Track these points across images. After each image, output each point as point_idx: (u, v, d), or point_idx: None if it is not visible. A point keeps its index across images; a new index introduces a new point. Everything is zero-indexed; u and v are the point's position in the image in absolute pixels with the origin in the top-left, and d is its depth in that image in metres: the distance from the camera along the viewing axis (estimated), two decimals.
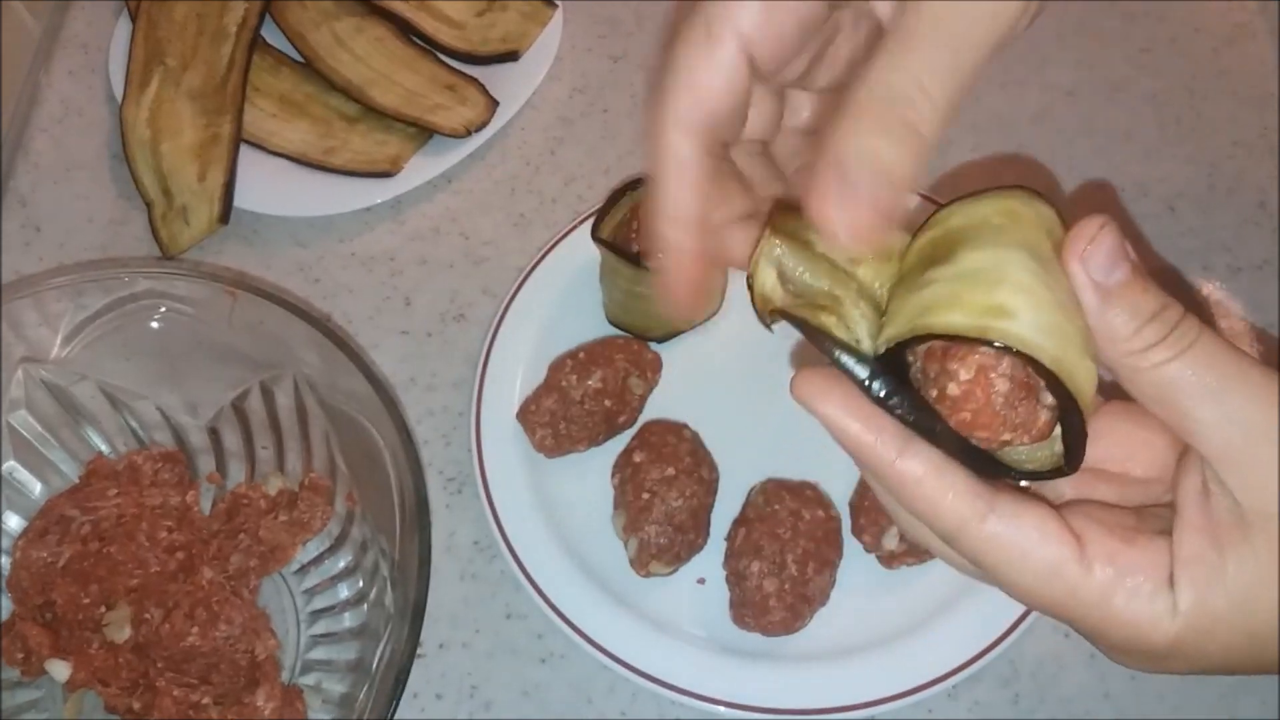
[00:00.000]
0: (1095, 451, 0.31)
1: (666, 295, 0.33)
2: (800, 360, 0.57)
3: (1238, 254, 0.62)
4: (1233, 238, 0.62)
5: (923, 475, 0.30)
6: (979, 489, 0.30)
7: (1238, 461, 0.29)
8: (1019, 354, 0.27)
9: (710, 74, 0.31)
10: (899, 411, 0.30)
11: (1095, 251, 0.28)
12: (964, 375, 0.28)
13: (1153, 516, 0.31)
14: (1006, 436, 0.29)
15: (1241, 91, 0.68)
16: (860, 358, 0.30)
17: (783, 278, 0.31)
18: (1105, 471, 0.33)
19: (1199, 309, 0.41)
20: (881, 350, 0.29)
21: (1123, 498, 0.33)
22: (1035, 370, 0.28)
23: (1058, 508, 0.31)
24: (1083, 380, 0.28)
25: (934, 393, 0.29)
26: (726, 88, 0.31)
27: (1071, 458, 0.30)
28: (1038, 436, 0.29)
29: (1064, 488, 0.33)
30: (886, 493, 0.32)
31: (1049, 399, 0.29)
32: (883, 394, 0.29)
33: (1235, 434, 0.29)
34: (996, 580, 0.31)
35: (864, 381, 0.30)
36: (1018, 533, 0.30)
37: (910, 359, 0.30)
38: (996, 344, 0.27)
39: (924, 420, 0.29)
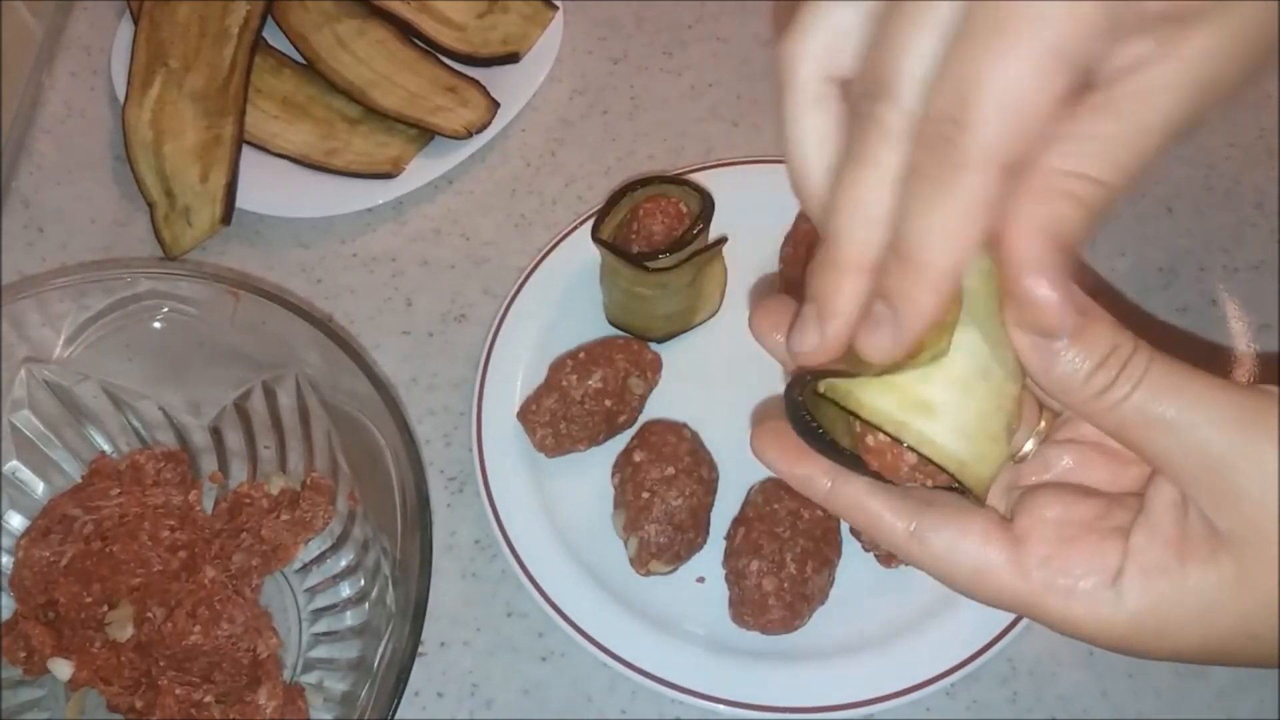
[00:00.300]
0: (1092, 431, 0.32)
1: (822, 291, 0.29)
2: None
3: (1235, 255, 0.62)
4: (1230, 239, 0.63)
5: (854, 502, 0.32)
6: (907, 506, 0.32)
7: (1205, 487, 0.29)
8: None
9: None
10: (829, 443, 0.31)
11: (1032, 313, 0.28)
12: (879, 441, 0.30)
13: (1122, 508, 0.31)
14: (911, 486, 0.31)
15: (1239, 92, 0.68)
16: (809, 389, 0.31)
17: None
18: (1105, 446, 0.33)
19: (1142, 328, 0.39)
20: (822, 390, 0.30)
21: (1114, 478, 0.33)
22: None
23: (1027, 492, 0.32)
24: (986, 473, 0.30)
25: (858, 436, 0.31)
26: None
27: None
28: (941, 484, 0.31)
29: (1058, 463, 0.33)
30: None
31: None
32: (818, 428, 0.31)
33: (1196, 463, 0.28)
34: (944, 584, 0.33)
35: (804, 416, 0.31)
36: (943, 540, 0.31)
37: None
38: (907, 444, 0.29)
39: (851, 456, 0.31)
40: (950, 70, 0.25)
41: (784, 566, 0.49)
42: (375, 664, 0.47)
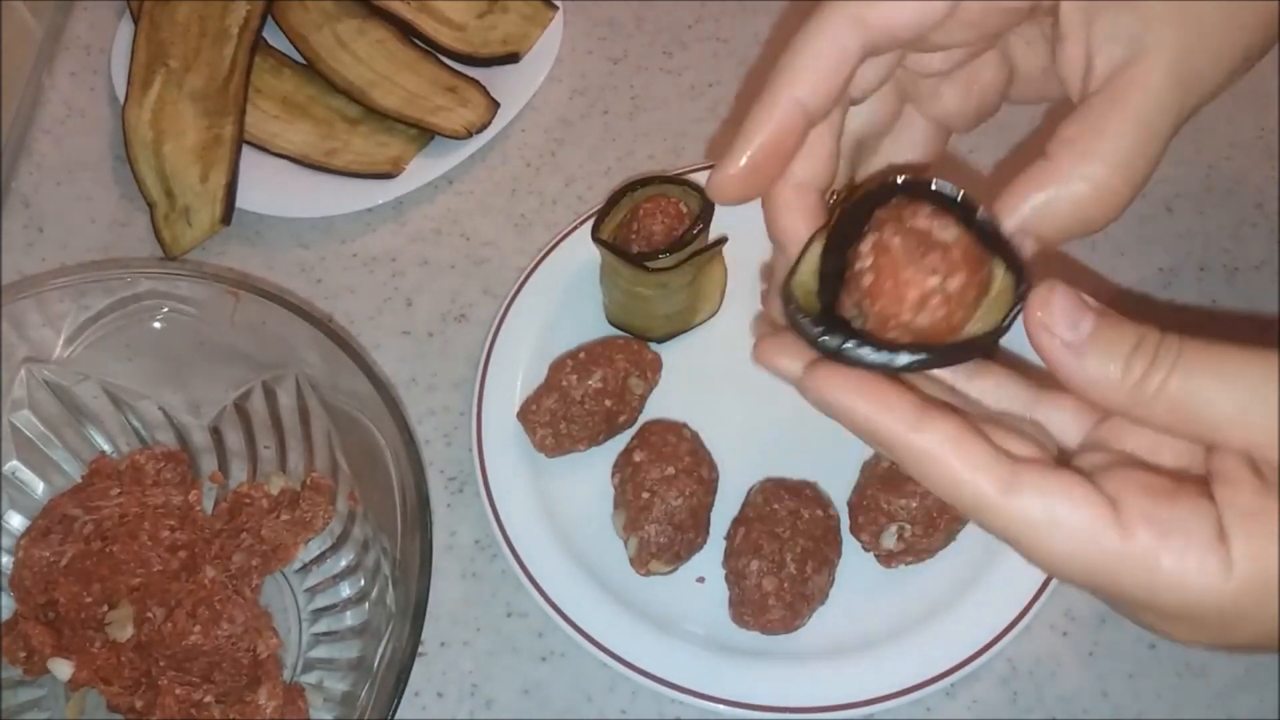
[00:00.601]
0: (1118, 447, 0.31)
1: (722, 166, 0.32)
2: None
3: (1235, 255, 0.62)
4: (1230, 239, 0.63)
5: (938, 450, 0.29)
6: (999, 460, 0.28)
7: (1272, 446, 0.28)
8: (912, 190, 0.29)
9: None
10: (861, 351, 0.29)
11: (1052, 315, 0.28)
12: (864, 254, 0.29)
13: (1191, 482, 0.30)
14: (932, 292, 0.29)
15: (1239, 92, 0.67)
16: (809, 316, 0.30)
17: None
18: (1136, 457, 0.32)
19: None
20: (815, 289, 0.30)
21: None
22: (933, 201, 0.29)
23: (1090, 475, 0.29)
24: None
25: (859, 306, 0.29)
26: (920, 13, 0.31)
27: (1016, 270, 0.29)
28: (964, 275, 0.29)
29: (1095, 458, 0.31)
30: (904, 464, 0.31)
31: (951, 235, 0.29)
32: (839, 343, 0.29)
33: (1260, 416, 0.28)
34: (1027, 553, 0.29)
35: (817, 336, 0.30)
36: (1044, 501, 0.28)
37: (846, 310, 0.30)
38: (897, 182, 0.29)
39: (884, 348, 0.29)
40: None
41: (784, 566, 0.49)
42: (375, 664, 0.47)
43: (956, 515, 0.51)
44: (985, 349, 0.30)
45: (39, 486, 0.54)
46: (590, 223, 0.57)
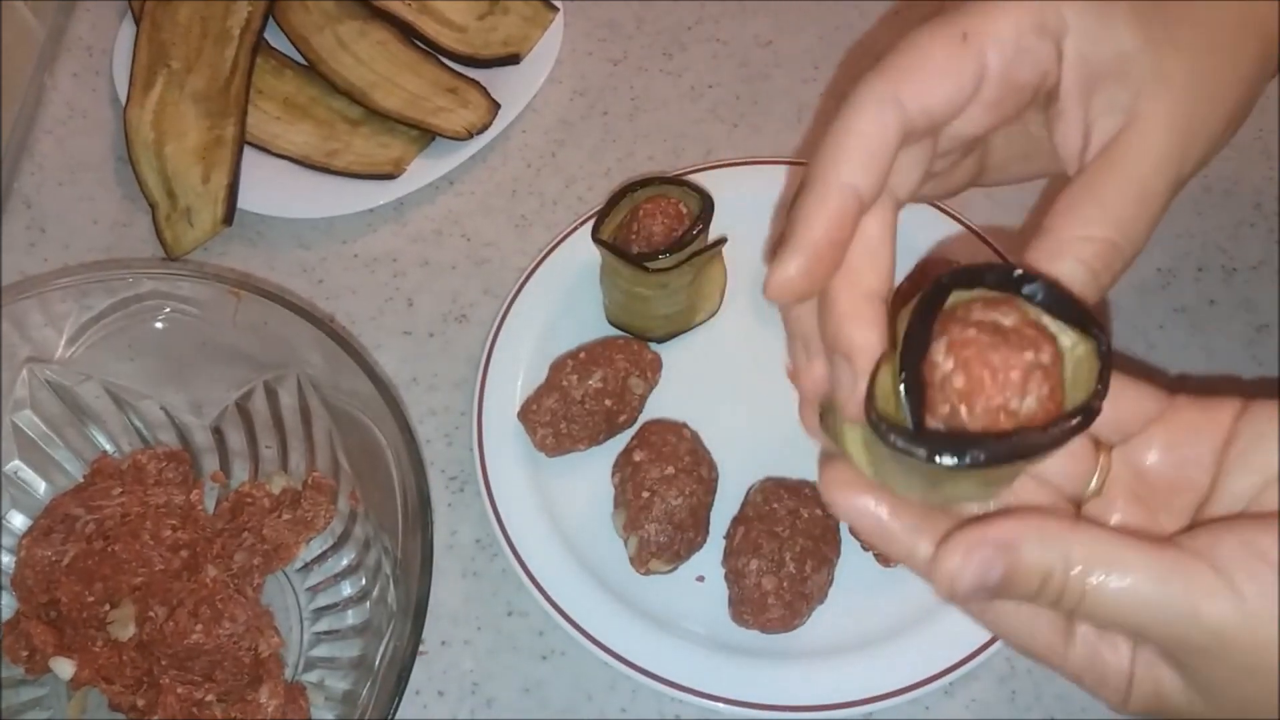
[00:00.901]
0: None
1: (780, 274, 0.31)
2: None
3: (1234, 255, 0.62)
4: (1228, 239, 0.63)
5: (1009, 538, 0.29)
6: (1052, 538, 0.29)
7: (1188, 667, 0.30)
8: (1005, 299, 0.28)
9: (946, 71, 0.31)
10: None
11: (966, 572, 0.29)
12: (942, 360, 0.28)
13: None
14: (1031, 367, 0.28)
15: None
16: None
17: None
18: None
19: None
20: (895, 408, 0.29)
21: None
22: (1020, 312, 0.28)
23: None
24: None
25: (952, 415, 0.28)
26: (954, 91, 0.32)
27: (1085, 330, 0.28)
28: (1052, 348, 0.28)
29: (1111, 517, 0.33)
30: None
31: (1018, 317, 0.29)
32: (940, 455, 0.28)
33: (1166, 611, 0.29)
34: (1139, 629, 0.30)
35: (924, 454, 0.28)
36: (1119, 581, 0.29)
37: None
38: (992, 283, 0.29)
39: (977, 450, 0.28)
40: None
41: (783, 565, 0.50)
42: (376, 663, 0.47)
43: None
44: (1096, 410, 0.29)
45: (41, 486, 0.54)
46: (590, 223, 0.57)
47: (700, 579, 0.53)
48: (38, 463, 0.54)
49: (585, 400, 0.54)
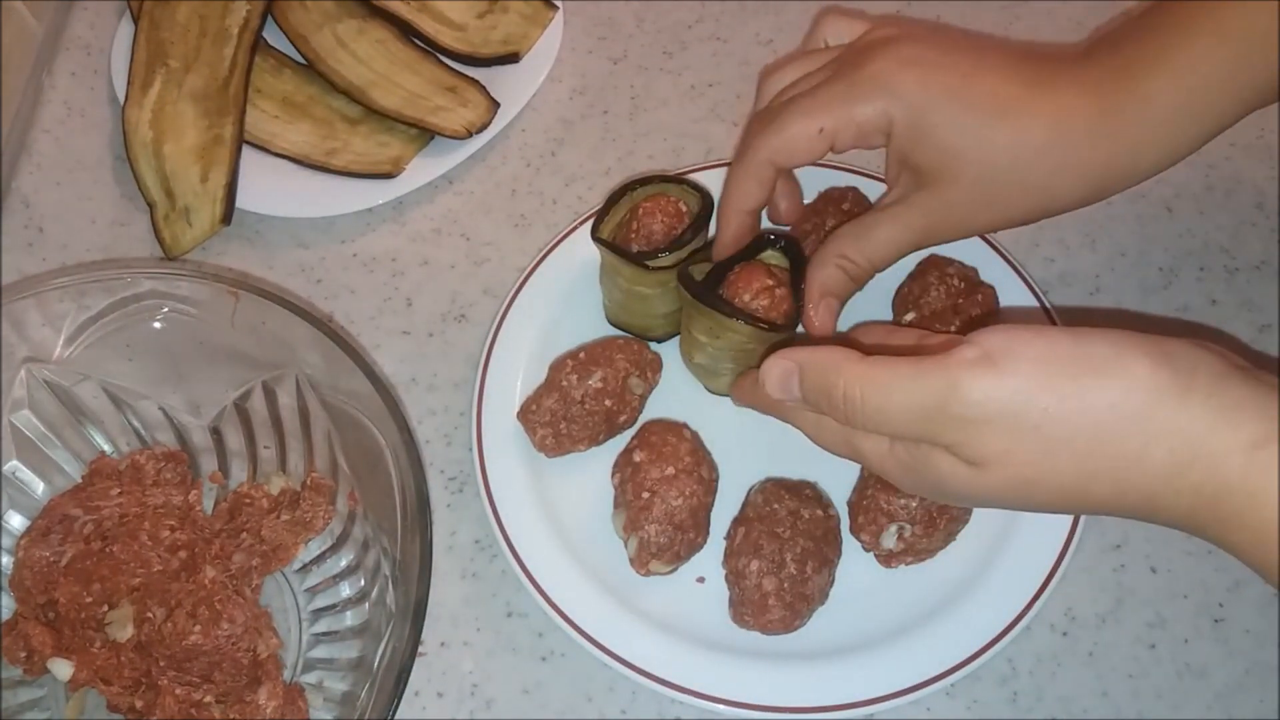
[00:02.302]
0: None
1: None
2: None
3: (1235, 255, 0.62)
4: (1230, 239, 0.63)
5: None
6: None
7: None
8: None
9: (806, 151, 0.51)
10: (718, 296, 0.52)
11: (770, 384, 0.45)
12: (731, 276, 0.53)
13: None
14: (750, 295, 0.52)
15: None
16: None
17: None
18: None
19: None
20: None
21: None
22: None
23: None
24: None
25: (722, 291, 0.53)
26: (809, 159, 0.52)
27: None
28: (770, 294, 0.52)
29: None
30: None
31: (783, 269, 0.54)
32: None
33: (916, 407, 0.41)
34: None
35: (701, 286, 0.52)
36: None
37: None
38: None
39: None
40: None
41: (784, 566, 0.49)
42: (375, 664, 0.47)
43: (956, 515, 0.51)
44: (774, 320, 0.52)
45: (39, 486, 0.54)
46: (590, 222, 0.57)
47: (700, 580, 0.53)
48: (36, 463, 0.54)
49: (585, 400, 0.54)
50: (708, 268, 0.54)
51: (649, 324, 0.58)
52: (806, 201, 0.60)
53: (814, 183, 0.61)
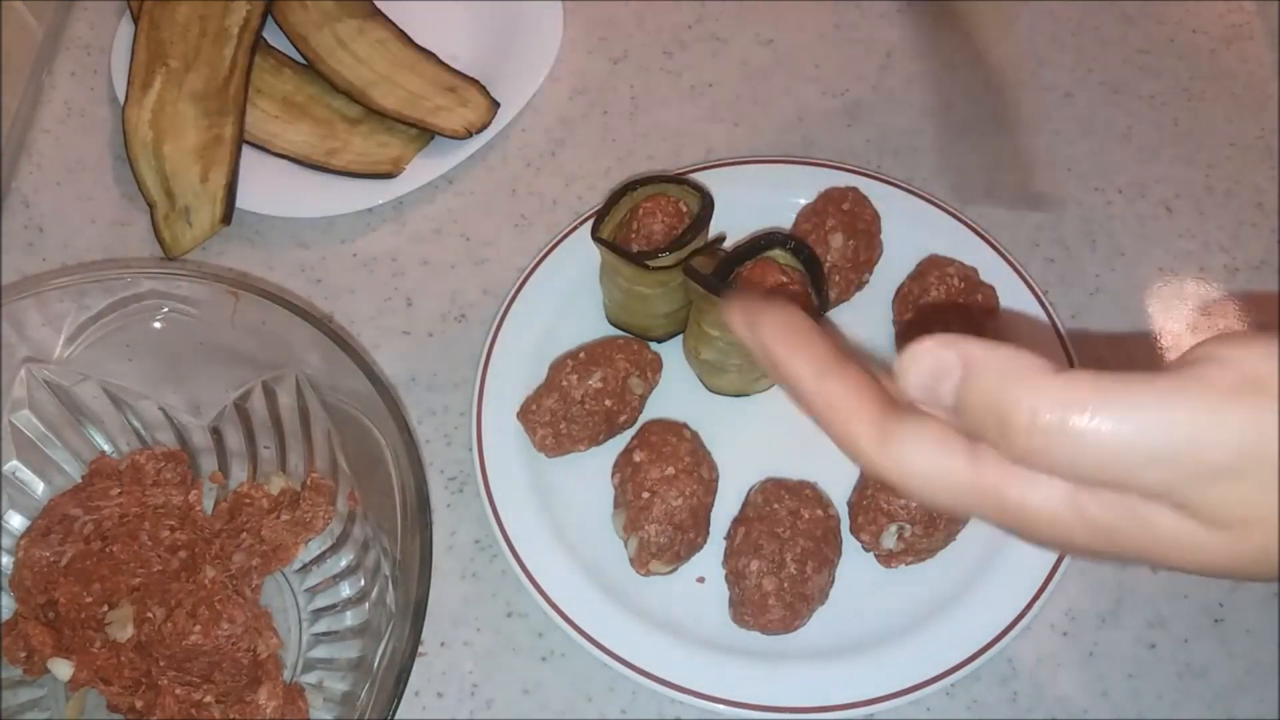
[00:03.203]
0: None
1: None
2: None
3: (1235, 255, 0.62)
4: (1230, 239, 0.63)
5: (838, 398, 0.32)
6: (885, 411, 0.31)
7: None
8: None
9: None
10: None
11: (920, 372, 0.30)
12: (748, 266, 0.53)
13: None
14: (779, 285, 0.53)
15: (1239, 93, 0.68)
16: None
17: None
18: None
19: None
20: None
21: None
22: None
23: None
24: None
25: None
26: None
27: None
28: (800, 286, 0.53)
29: None
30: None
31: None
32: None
33: None
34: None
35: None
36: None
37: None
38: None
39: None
40: None
41: (784, 566, 0.49)
42: (375, 664, 0.47)
43: (956, 515, 0.51)
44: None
45: (39, 486, 0.54)
46: (590, 222, 0.57)
47: (701, 580, 0.53)
48: (36, 463, 0.54)
49: (585, 400, 0.54)
50: (710, 266, 0.54)
51: (649, 324, 0.58)
52: (807, 201, 0.60)
53: (814, 183, 0.61)
